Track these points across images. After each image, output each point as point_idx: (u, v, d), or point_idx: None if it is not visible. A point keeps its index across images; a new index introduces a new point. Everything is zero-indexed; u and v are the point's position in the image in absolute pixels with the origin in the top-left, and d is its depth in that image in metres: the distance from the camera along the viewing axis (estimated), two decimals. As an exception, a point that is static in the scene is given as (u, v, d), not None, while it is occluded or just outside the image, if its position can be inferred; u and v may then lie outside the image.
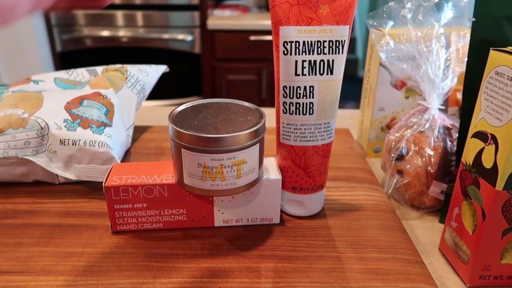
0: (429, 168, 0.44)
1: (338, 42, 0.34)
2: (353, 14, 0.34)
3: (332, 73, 0.35)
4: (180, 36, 1.74)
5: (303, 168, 0.38)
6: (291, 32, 0.34)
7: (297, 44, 0.34)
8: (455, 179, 0.37)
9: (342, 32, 0.34)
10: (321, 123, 0.36)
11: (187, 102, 0.37)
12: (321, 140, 0.37)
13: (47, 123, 0.43)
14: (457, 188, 0.36)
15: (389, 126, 0.57)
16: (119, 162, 0.45)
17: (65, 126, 0.43)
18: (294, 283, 0.32)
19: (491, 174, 0.31)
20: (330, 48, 0.34)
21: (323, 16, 0.34)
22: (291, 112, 0.36)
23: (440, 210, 0.45)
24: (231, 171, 0.33)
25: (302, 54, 0.34)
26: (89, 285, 0.31)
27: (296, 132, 0.37)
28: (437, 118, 0.46)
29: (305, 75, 0.35)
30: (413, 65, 0.46)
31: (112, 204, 0.36)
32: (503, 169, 0.30)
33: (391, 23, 0.48)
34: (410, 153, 0.45)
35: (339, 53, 0.35)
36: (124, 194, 0.36)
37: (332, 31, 0.34)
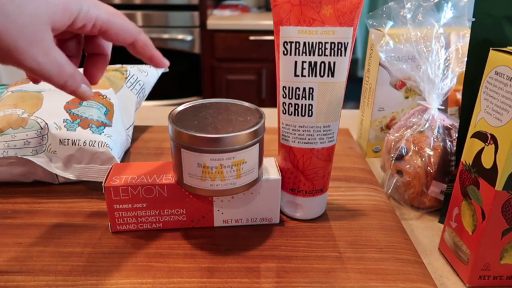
0: (428, 168, 0.44)
1: (340, 44, 0.34)
2: (358, 16, 0.33)
3: (333, 75, 0.35)
4: (180, 36, 1.74)
5: (302, 171, 0.38)
6: (292, 32, 0.34)
7: (297, 44, 0.34)
8: (455, 179, 0.37)
9: (345, 34, 0.34)
10: (320, 126, 0.36)
11: (187, 102, 0.37)
12: (321, 143, 0.37)
13: (46, 123, 0.43)
14: (456, 188, 0.36)
15: (388, 126, 0.57)
16: (119, 162, 0.45)
17: (64, 126, 0.43)
18: (293, 283, 0.32)
19: (490, 174, 0.31)
20: (332, 50, 0.34)
21: (326, 17, 0.33)
22: (290, 113, 0.36)
23: (440, 210, 0.45)
24: (230, 171, 0.33)
25: (302, 55, 0.34)
26: (88, 285, 0.31)
27: (295, 134, 0.37)
28: (437, 118, 0.46)
29: (304, 76, 0.35)
30: (412, 65, 0.46)
31: (112, 204, 0.36)
32: (503, 169, 0.30)
33: (391, 23, 0.48)
34: (410, 153, 0.45)
35: (341, 55, 0.34)
36: (124, 194, 0.36)
37: (335, 32, 0.34)
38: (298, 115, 0.36)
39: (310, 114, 0.36)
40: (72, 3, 0.26)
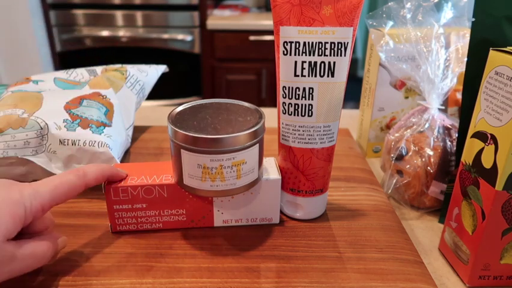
0: (428, 168, 0.44)
1: (340, 44, 0.34)
2: (358, 16, 0.33)
3: (332, 75, 0.35)
4: (180, 36, 1.74)
5: (302, 171, 0.38)
6: (291, 32, 0.34)
7: (297, 44, 0.34)
8: (455, 179, 0.37)
9: (345, 34, 0.34)
10: (320, 126, 0.36)
11: (186, 102, 0.37)
12: (321, 143, 0.37)
13: (46, 123, 0.43)
14: (456, 188, 0.36)
15: (388, 126, 0.57)
16: (119, 162, 0.45)
17: (64, 126, 0.43)
18: (293, 283, 0.32)
19: (490, 174, 0.31)
20: (332, 50, 0.34)
21: (326, 17, 0.33)
22: (290, 113, 0.36)
23: (440, 210, 0.45)
24: (230, 172, 0.33)
25: (302, 55, 0.34)
26: (88, 285, 0.31)
27: (295, 134, 0.37)
28: (437, 118, 0.46)
29: (304, 76, 0.35)
30: (412, 65, 0.46)
31: (112, 205, 0.36)
32: (503, 169, 0.30)
33: (391, 23, 0.48)
34: (410, 153, 0.45)
35: (341, 55, 0.34)
36: (124, 194, 0.36)
37: (335, 32, 0.34)
38: (298, 115, 0.36)
39: (310, 114, 0.36)
40: (17, 208, 0.27)
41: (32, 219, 0.29)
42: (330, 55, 0.34)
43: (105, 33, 1.74)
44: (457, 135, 0.43)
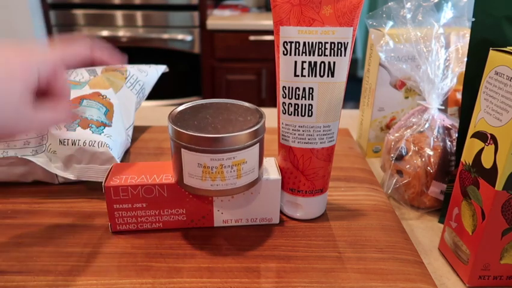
0: (428, 168, 0.44)
1: (340, 44, 0.34)
2: (358, 15, 0.34)
3: (332, 75, 0.35)
4: (180, 36, 1.74)
5: (301, 171, 0.38)
6: (291, 32, 0.34)
7: (297, 44, 0.34)
8: (455, 179, 0.37)
9: (345, 34, 0.34)
10: (320, 126, 0.36)
11: (187, 102, 0.37)
12: (321, 143, 0.37)
13: (46, 123, 0.43)
14: (456, 188, 0.36)
15: (388, 126, 0.57)
16: (119, 162, 0.45)
17: (64, 126, 0.43)
18: (293, 283, 0.32)
19: (490, 174, 0.31)
20: (332, 50, 0.34)
21: (326, 17, 0.33)
22: (289, 113, 0.36)
23: (440, 210, 0.45)
24: (230, 171, 0.33)
25: (302, 55, 0.34)
26: (88, 285, 0.31)
27: (295, 134, 0.37)
28: (437, 118, 0.46)
29: (304, 76, 0.35)
30: (412, 65, 0.46)
31: (112, 204, 0.36)
32: (503, 169, 0.30)
33: (390, 23, 0.48)
34: (410, 153, 0.45)
35: (341, 55, 0.34)
36: (124, 194, 0.36)
37: (335, 32, 0.34)
38: (298, 115, 0.36)
39: (310, 114, 0.36)
40: (27, 61, 0.28)
41: (47, 80, 0.29)
42: (330, 55, 0.34)
43: (105, 33, 1.74)
44: (456, 135, 0.43)
